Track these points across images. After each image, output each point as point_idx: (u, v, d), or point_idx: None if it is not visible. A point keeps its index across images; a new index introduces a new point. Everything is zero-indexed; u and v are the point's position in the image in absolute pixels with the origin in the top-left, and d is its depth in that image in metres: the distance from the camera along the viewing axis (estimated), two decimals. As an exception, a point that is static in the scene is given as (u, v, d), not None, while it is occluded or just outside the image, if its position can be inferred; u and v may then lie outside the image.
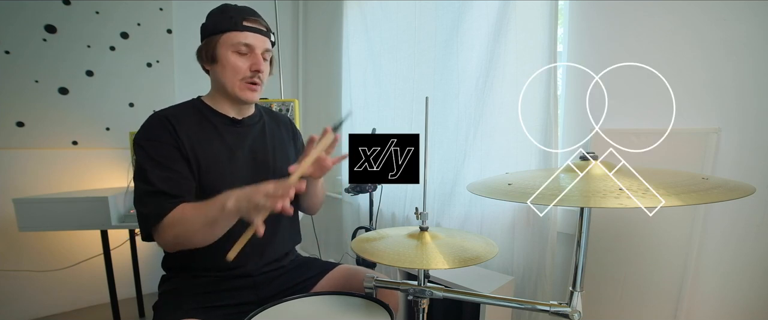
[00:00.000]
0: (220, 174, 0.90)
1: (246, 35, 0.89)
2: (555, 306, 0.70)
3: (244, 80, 0.91)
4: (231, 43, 0.88)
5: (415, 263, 0.69)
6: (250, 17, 0.91)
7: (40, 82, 1.85)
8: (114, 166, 2.06)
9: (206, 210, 0.75)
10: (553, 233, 1.28)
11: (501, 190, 0.67)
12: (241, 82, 0.91)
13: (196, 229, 0.77)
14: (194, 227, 0.77)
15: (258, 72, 0.91)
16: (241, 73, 0.90)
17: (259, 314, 0.77)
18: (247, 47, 0.89)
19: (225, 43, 0.88)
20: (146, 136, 0.86)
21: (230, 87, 0.91)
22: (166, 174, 0.83)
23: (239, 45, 0.88)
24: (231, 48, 0.88)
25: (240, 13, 0.90)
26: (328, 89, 2.49)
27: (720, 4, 0.99)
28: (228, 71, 0.89)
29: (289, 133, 1.12)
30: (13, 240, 1.84)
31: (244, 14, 0.90)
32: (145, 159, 0.84)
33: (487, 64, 1.41)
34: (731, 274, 1.03)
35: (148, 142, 0.85)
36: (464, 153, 1.52)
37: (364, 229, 1.52)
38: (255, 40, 0.90)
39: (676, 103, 1.08)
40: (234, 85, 0.90)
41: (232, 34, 0.88)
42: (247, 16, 0.90)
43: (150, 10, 2.10)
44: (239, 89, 0.91)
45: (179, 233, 0.78)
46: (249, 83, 0.91)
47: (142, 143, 0.85)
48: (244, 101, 0.93)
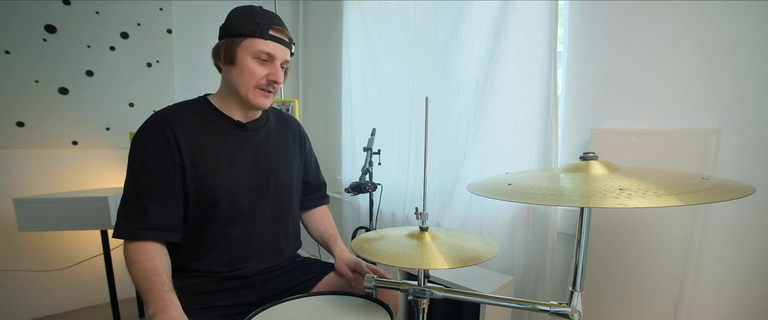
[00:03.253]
0: (218, 180, 0.90)
1: (269, 44, 0.88)
2: (555, 306, 0.70)
3: (258, 87, 0.90)
4: (253, 50, 0.87)
5: (415, 263, 0.69)
6: (276, 26, 0.89)
7: (40, 82, 1.85)
8: (114, 166, 2.06)
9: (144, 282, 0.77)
10: (553, 233, 1.28)
11: (501, 190, 0.67)
12: (256, 88, 0.90)
13: (133, 275, 0.80)
14: (133, 274, 0.81)
15: (275, 82, 0.91)
16: (256, 80, 0.89)
17: (259, 314, 0.77)
18: (268, 56, 0.89)
19: (247, 47, 0.87)
20: (143, 138, 0.86)
21: (244, 91, 0.90)
22: (152, 184, 0.84)
23: (261, 53, 0.88)
24: (252, 54, 0.87)
25: (267, 20, 0.89)
26: (328, 89, 2.49)
27: (720, 4, 0.99)
28: (244, 76, 0.88)
29: (296, 138, 1.11)
30: (13, 240, 1.84)
31: (271, 22, 0.89)
32: (136, 162, 0.86)
33: (487, 64, 1.41)
34: (731, 274, 1.03)
35: (144, 145, 0.85)
36: (464, 153, 1.52)
37: (364, 229, 1.52)
38: (277, 50, 0.89)
39: (676, 103, 1.08)
40: (248, 90, 0.89)
41: (255, 40, 0.87)
42: (274, 25, 0.89)
43: (150, 10, 2.10)
44: (253, 94, 0.90)
45: (127, 264, 0.82)
46: (263, 90, 0.91)
47: (138, 145, 0.86)
48: (256, 106, 0.93)
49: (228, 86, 0.93)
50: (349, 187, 1.42)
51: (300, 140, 1.13)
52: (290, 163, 1.06)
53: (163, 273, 0.79)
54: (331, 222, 1.20)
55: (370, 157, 1.51)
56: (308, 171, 1.17)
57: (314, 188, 1.20)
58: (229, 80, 0.91)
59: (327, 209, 1.25)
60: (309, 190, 1.18)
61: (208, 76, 0.99)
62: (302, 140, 1.14)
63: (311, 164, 1.18)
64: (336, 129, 2.35)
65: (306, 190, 1.17)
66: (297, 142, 1.11)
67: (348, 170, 2.19)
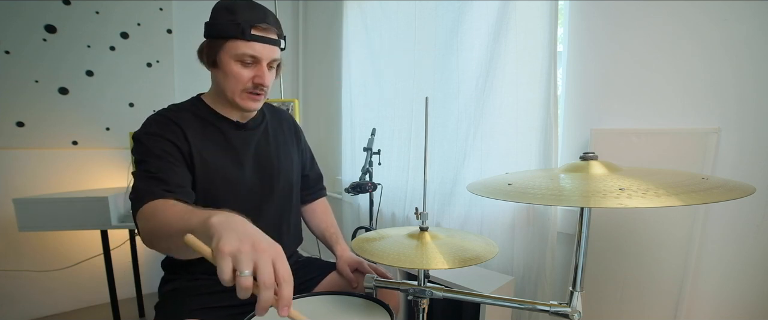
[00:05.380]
0: (226, 180, 0.89)
1: (252, 46, 0.81)
2: (555, 306, 0.70)
3: (245, 91, 0.86)
4: (235, 53, 0.81)
5: (415, 263, 0.69)
6: (259, 24, 0.82)
7: (40, 82, 1.85)
8: (114, 166, 2.06)
9: (185, 216, 0.59)
10: (553, 233, 1.28)
11: (501, 190, 0.67)
12: (243, 92, 0.85)
13: (167, 232, 0.61)
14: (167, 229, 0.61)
15: (261, 85, 0.85)
16: (242, 85, 0.84)
17: (259, 314, 0.77)
18: (252, 58, 0.83)
19: (229, 51, 0.81)
20: (147, 131, 0.82)
21: (230, 95, 0.86)
22: (165, 165, 0.78)
23: (244, 56, 0.82)
24: (234, 57, 0.82)
25: (249, 19, 0.81)
26: (328, 89, 2.49)
27: (720, 4, 0.99)
28: (229, 80, 0.84)
29: (292, 131, 1.11)
30: (13, 240, 1.84)
31: (253, 21, 0.81)
32: (144, 153, 0.79)
33: (487, 65, 1.41)
34: (731, 274, 1.03)
35: (149, 137, 0.81)
36: (464, 153, 1.52)
37: (364, 229, 1.52)
38: (262, 50, 0.82)
39: (676, 103, 1.08)
40: (234, 94, 0.86)
41: (237, 43, 0.80)
42: (257, 23, 0.81)
43: (150, 10, 2.10)
44: (240, 98, 0.86)
45: (152, 229, 0.66)
46: (251, 93, 0.86)
47: (142, 139, 0.81)
48: (244, 110, 0.89)
49: (216, 88, 0.89)
50: (349, 187, 1.42)
51: (295, 132, 1.12)
52: (290, 158, 1.06)
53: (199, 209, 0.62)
54: (332, 219, 1.19)
55: (370, 157, 1.51)
56: (305, 163, 1.16)
57: (312, 181, 1.19)
58: (217, 82, 0.88)
59: (327, 204, 1.24)
60: (307, 183, 1.17)
61: (208, 76, 0.99)
62: (297, 132, 1.13)
63: (307, 157, 1.18)
64: (336, 129, 2.35)
65: (304, 183, 1.16)
66: (293, 134, 1.11)
67: (348, 170, 2.19)
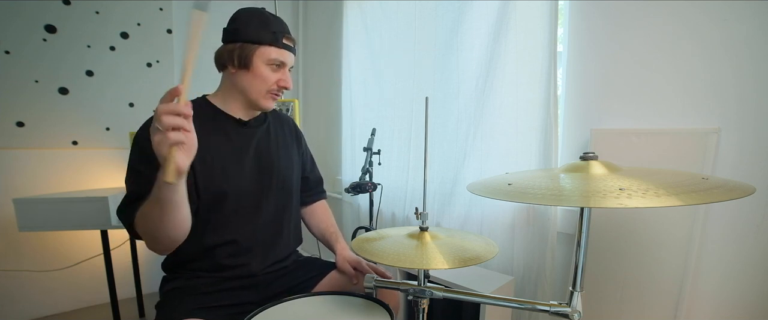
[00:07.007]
0: (227, 176, 0.91)
1: (283, 53, 0.93)
2: (555, 306, 0.70)
3: (270, 92, 0.94)
4: (268, 57, 0.91)
5: (415, 263, 0.69)
6: (288, 35, 0.94)
7: (40, 82, 1.85)
8: (114, 166, 2.06)
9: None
10: (553, 233, 1.28)
11: (501, 190, 0.67)
12: (267, 93, 0.94)
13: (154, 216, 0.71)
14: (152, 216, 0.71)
15: (285, 88, 0.96)
16: (268, 86, 0.93)
17: (260, 314, 0.77)
18: (280, 63, 0.93)
19: (262, 55, 0.90)
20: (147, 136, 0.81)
21: (255, 96, 0.93)
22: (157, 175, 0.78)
23: (275, 61, 0.92)
24: (266, 61, 0.91)
25: (281, 29, 0.93)
26: (328, 89, 2.49)
27: (720, 4, 0.99)
28: (257, 82, 0.91)
29: (293, 135, 1.14)
30: (13, 240, 1.84)
31: (284, 31, 0.93)
32: (139, 159, 0.82)
33: (487, 65, 1.41)
34: (731, 274, 1.03)
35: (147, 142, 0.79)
36: (464, 153, 1.52)
37: (364, 229, 1.52)
38: (288, 58, 0.95)
39: (676, 103, 1.08)
40: (260, 94, 0.93)
41: (271, 49, 0.91)
42: (287, 33, 0.94)
43: (150, 10, 2.10)
44: (263, 98, 0.94)
45: (146, 229, 0.75)
46: (273, 94, 0.95)
47: (142, 143, 0.81)
48: (264, 109, 0.97)
49: (235, 88, 0.94)
50: (349, 187, 1.42)
51: (296, 135, 1.15)
52: (290, 158, 1.08)
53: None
54: (331, 219, 1.21)
55: (370, 157, 1.52)
56: (306, 166, 1.19)
57: (313, 183, 1.21)
58: (239, 83, 0.93)
59: (327, 205, 1.26)
60: (307, 185, 1.19)
61: (208, 76, 0.99)
62: (298, 136, 1.16)
63: (308, 160, 1.21)
64: (336, 129, 2.35)
65: (304, 185, 1.18)
66: (294, 137, 1.14)
67: (348, 170, 2.19)
